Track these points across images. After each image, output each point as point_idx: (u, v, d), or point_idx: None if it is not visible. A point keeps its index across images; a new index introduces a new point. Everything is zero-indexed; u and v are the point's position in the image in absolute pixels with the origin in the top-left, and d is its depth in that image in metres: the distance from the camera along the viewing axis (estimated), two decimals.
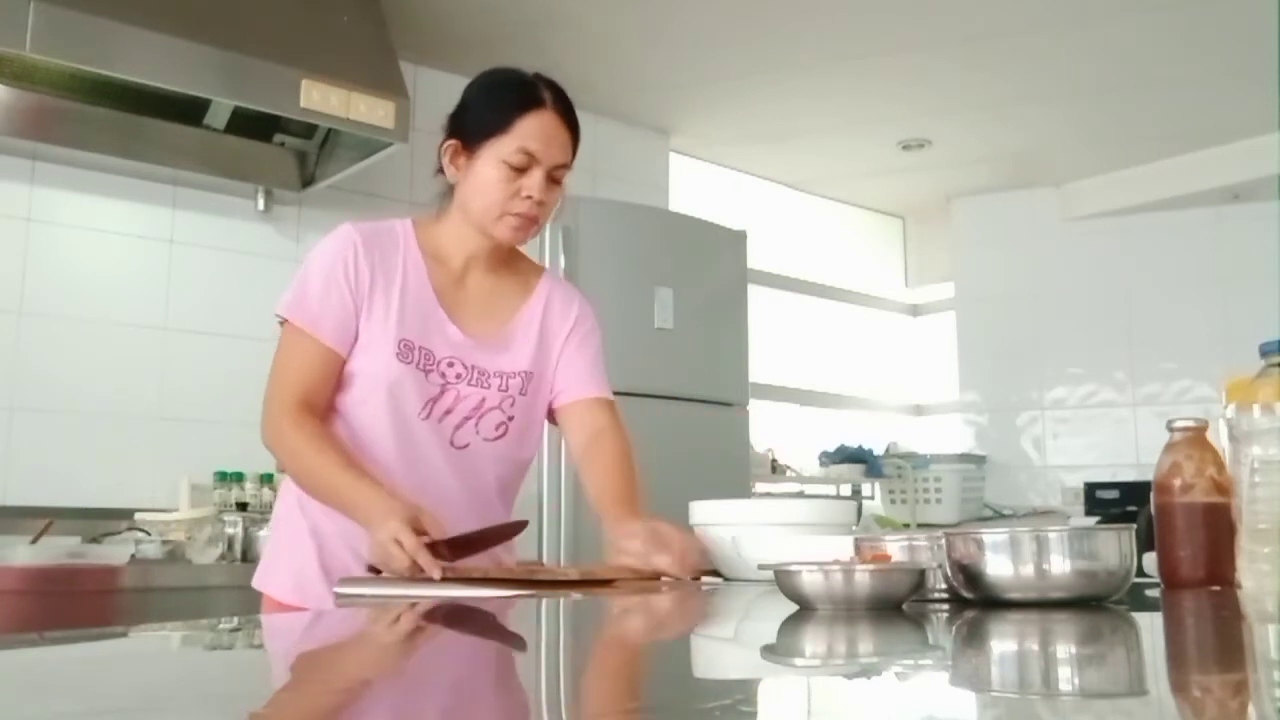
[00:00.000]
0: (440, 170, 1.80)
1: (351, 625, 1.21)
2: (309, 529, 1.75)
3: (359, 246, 1.74)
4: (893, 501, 5.04)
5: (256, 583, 1.82)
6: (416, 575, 1.48)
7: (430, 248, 1.80)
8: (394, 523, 1.51)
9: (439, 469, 1.75)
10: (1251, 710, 0.61)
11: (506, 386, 1.79)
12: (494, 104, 1.75)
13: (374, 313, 1.73)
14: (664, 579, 1.58)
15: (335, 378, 1.74)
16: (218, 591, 2.69)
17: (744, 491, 3.86)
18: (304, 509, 1.76)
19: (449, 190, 1.81)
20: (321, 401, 1.73)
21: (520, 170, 1.71)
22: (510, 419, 1.79)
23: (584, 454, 1.84)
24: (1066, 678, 0.77)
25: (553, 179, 1.75)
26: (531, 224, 1.75)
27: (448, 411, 1.75)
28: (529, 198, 1.72)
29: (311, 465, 1.68)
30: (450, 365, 1.75)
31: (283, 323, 1.75)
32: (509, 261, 1.87)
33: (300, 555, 1.75)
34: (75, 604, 2.51)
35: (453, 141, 1.77)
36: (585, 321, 1.91)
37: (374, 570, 1.56)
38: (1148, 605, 1.24)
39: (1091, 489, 4.65)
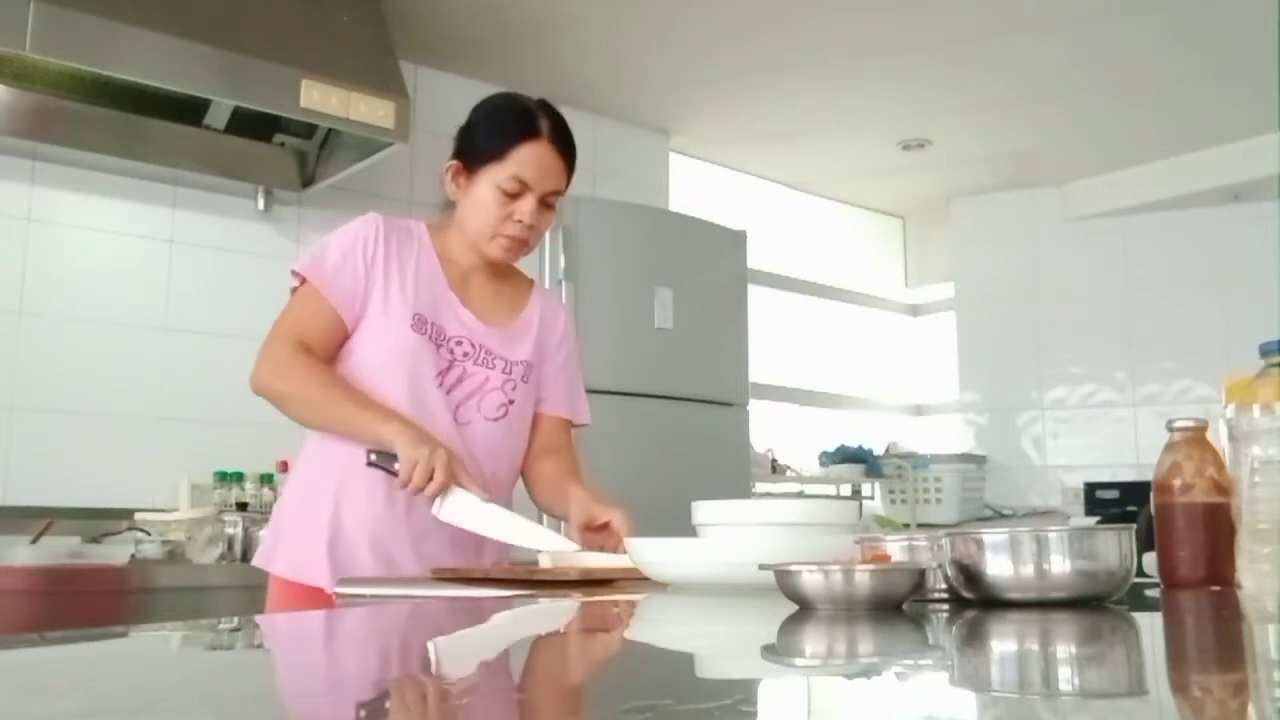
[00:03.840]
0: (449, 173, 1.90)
1: (349, 625, 1.21)
2: (327, 513, 1.79)
3: (381, 230, 1.85)
4: (893, 501, 5.04)
5: (259, 560, 1.86)
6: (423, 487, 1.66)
7: (442, 250, 1.91)
8: (440, 449, 1.67)
9: (449, 439, 1.80)
10: (1251, 710, 0.60)
11: (510, 371, 1.90)
12: (494, 130, 1.85)
13: (390, 288, 1.82)
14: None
15: (337, 341, 1.82)
16: (218, 591, 2.70)
17: (744, 491, 3.86)
18: (322, 489, 1.80)
19: (449, 204, 1.91)
20: (320, 355, 1.80)
21: (513, 196, 1.82)
22: (511, 402, 1.89)
23: (538, 456, 1.97)
24: (1066, 678, 0.77)
25: (545, 204, 1.85)
26: (522, 245, 1.88)
27: (456, 384, 1.84)
28: (520, 221, 1.83)
29: (324, 392, 1.76)
30: (459, 344, 1.85)
31: (294, 290, 1.84)
32: (505, 273, 1.98)
33: (312, 533, 1.79)
34: (76, 604, 2.51)
35: (454, 162, 1.88)
36: (570, 336, 2.04)
37: (380, 456, 1.68)
38: (1148, 605, 1.24)
39: (1091, 489, 4.65)
